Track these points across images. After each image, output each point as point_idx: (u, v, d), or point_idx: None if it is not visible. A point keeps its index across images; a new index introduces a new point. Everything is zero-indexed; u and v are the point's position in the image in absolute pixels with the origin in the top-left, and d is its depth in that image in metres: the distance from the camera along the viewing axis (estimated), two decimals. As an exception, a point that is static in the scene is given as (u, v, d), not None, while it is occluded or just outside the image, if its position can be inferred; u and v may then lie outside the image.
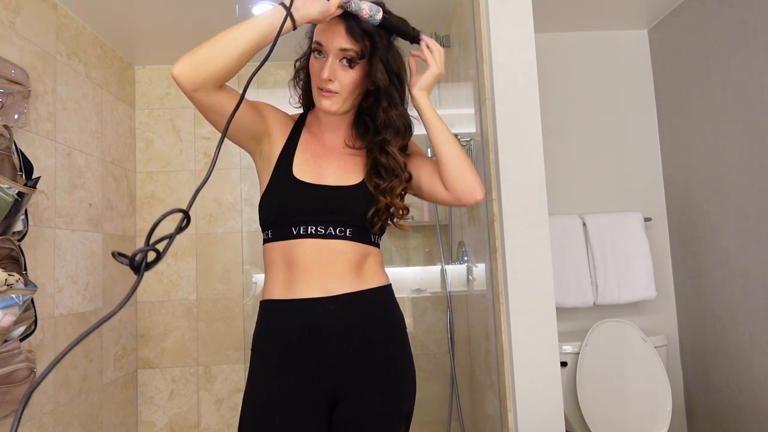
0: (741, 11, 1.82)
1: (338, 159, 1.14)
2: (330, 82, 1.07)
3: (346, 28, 1.05)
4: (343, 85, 1.08)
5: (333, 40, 1.06)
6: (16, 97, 1.61)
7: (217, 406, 2.49)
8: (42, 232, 1.77)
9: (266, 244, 1.12)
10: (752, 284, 1.82)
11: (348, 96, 1.09)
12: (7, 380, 1.48)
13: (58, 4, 1.93)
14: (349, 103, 1.10)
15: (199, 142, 2.58)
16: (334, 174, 1.12)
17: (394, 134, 1.12)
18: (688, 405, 2.25)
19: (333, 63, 1.06)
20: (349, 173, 1.13)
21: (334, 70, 1.07)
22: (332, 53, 1.06)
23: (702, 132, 2.06)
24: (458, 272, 2.15)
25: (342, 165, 1.13)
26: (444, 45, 2.16)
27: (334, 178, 1.11)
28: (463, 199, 1.12)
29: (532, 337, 1.38)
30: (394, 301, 1.16)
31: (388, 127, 1.11)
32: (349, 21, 1.06)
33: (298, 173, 1.09)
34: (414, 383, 1.15)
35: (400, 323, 1.15)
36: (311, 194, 1.08)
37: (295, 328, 1.05)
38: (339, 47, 1.06)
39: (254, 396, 1.06)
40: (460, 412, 2.15)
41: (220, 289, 2.53)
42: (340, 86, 1.07)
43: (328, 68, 1.06)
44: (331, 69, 1.06)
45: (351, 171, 1.13)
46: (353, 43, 1.06)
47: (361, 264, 1.09)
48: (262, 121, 1.11)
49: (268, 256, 1.11)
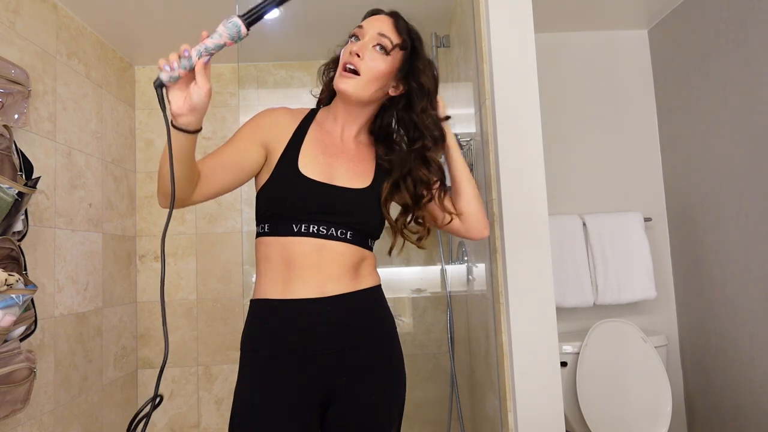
0: (741, 11, 1.82)
1: (348, 159, 1.12)
2: (357, 57, 1.05)
3: (393, 22, 1.08)
4: (369, 68, 1.05)
5: (374, 25, 1.07)
6: (16, 97, 1.61)
7: (217, 406, 2.49)
8: (42, 232, 1.77)
9: (261, 238, 1.08)
10: (752, 284, 1.82)
11: (369, 83, 1.06)
12: (7, 380, 1.48)
13: (58, 4, 1.93)
14: (367, 91, 1.07)
15: (199, 142, 2.56)
16: (343, 175, 1.09)
17: (434, 141, 1.12)
18: (688, 405, 2.25)
19: (367, 44, 1.06)
20: (358, 176, 1.10)
21: (364, 48, 1.05)
22: (369, 35, 1.06)
23: (702, 132, 2.06)
24: (458, 272, 2.15)
25: (352, 166, 1.11)
26: (444, 45, 2.16)
27: (344, 179, 1.09)
28: (473, 233, 1.20)
29: (532, 337, 1.38)
30: (385, 300, 1.16)
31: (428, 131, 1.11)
32: (397, 17, 1.08)
33: (304, 169, 1.06)
34: (405, 381, 1.15)
35: (392, 322, 1.15)
36: (319, 192, 1.05)
37: (290, 329, 1.04)
38: (378, 32, 1.06)
39: (246, 397, 1.03)
40: (460, 412, 2.15)
41: (220, 289, 2.53)
42: (365, 68, 1.05)
43: (360, 45, 1.05)
44: (362, 47, 1.05)
45: (361, 174, 1.11)
46: (395, 34, 1.06)
47: (358, 266, 1.09)
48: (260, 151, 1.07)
49: (264, 251, 1.08)
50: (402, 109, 1.13)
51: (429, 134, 1.11)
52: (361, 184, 1.10)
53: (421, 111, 1.10)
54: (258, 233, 1.10)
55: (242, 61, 2.53)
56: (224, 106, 2.59)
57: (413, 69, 1.09)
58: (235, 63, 2.58)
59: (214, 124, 2.58)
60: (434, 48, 2.19)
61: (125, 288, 2.38)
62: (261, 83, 2.58)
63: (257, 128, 1.09)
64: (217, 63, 2.58)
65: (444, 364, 2.43)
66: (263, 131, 1.09)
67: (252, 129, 1.09)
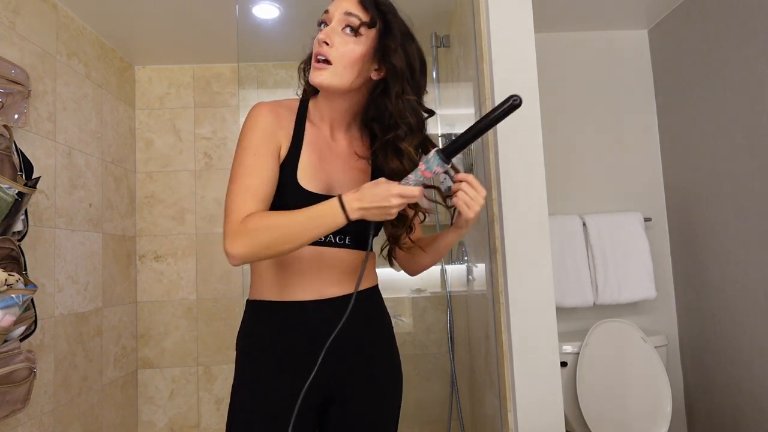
0: (741, 11, 1.82)
1: (343, 162, 1.07)
2: (326, 45, 0.97)
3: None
4: (340, 53, 0.97)
5: (340, 6, 0.99)
6: (16, 97, 1.61)
7: (217, 406, 2.49)
8: (42, 232, 1.77)
9: None
10: (752, 284, 1.82)
11: (343, 70, 0.98)
12: (7, 380, 1.48)
13: (58, 4, 1.93)
14: (344, 79, 0.99)
15: (199, 142, 2.58)
16: (340, 181, 1.05)
17: (408, 130, 1.01)
18: (688, 405, 2.25)
19: (335, 27, 0.98)
20: (354, 180, 1.06)
21: (332, 33, 0.98)
22: (336, 18, 0.98)
23: (702, 132, 2.06)
24: (458, 272, 2.15)
25: (347, 170, 1.07)
26: (444, 45, 2.16)
27: (341, 186, 1.04)
28: (408, 270, 1.20)
29: (532, 337, 1.38)
30: (383, 300, 1.16)
31: (402, 119, 1.01)
32: None
33: (303, 180, 1.00)
34: (402, 380, 1.15)
35: (390, 322, 1.15)
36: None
37: (288, 330, 1.02)
38: (344, 11, 0.98)
39: (243, 398, 1.02)
40: (460, 412, 2.15)
41: (220, 289, 2.53)
42: (336, 54, 0.97)
43: (327, 30, 0.98)
44: (329, 32, 0.98)
45: (357, 177, 1.07)
46: (362, 10, 0.98)
47: (357, 268, 1.07)
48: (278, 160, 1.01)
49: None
50: (380, 94, 1.04)
51: (403, 122, 1.01)
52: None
53: (395, 96, 1.00)
54: None
55: (242, 61, 2.53)
56: (224, 106, 2.59)
57: (385, 49, 0.99)
58: (235, 63, 2.59)
59: (213, 124, 2.59)
60: (434, 48, 2.19)
61: (125, 288, 2.38)
62: (261, 83, 2.58)
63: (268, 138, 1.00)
64: (218, 63, 2.59)
65: (444, 364, 2.43)
66: (275, 140, 1.01)
67: (264, 140, 0.99)
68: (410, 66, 1.02)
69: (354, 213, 0.90)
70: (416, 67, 1.03)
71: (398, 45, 0.99)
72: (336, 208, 0.90)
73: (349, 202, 0.90)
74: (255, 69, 2.59)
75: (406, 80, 1.01)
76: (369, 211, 0.90)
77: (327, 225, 0.91)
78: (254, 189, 0.95)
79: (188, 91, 2.59)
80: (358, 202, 0.89)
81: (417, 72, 1.03)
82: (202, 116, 2.59)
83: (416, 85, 1.04)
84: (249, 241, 0.90)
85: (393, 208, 0.90)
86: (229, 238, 0.91)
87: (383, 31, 0.99)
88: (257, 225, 0.91)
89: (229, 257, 0.91)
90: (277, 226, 0.91)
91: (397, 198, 0.89)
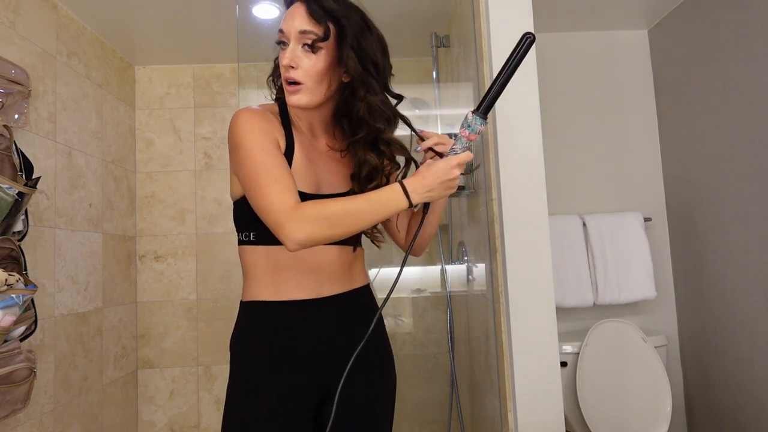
0: (741, 11, 1.82)
1: (327, 163, 1.09)
2: (292, 69, 0.99)
3: (307, 9, 0.98)
4: (307, 73, 0.99)
5: (293, 23, 0.98)
6: (16, 97, 1.61)
7: (217, 406, 2.49)
8: (42, 232, 1.77)
9: (246, 247, 1.05)
10: (752, 284, 1.82)
11: (315, 86, 1.00)
12: (7, 380, 1.49)
13: (58, 4, 1.93)
14: (318, 94, 1.01)
15: (199, 142, 2.58)
16: (328, 179, 1.07)
17: (387, 122, 1.04)
18: (688, 405, 2.25)
19: (295, 48, 0.99)
20: (339, 180, 1.09)
21: (295, 56, 0.98)
22: (293, 38, 0.98)
23: (702, 132, 2.06)
24: (458, 272, 2.15)
25: (332, 170, 1.09)
26: (444, 45, 2.16)
27: (329, 185, 1.07)
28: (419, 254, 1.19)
29: (532, 337, 1.38)
30: (375, 299, 1.17)
31: (376, 114, 1.03)
32: (309, 1, 0.98)
33: (297, 182, 1.00)
34: (396, 378, 1.16)
35: (382, 321, 1.15)
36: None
37: (285, 329, 1.03)
38: (298, 30, 0.98)
39: (239, 399, 1.02)
40: (460, 412, 2.15)
41: (220, 289, 2.53)
42: (304, 74, 0.99)
43: (288, 53, 0.98)
44: (291, 54, 0.98)
45: (341, 177, 1.09)
46: (314, 24, 0.97)
47: (351, 266, 1.09)
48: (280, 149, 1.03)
49: (249, 258, 1.05)
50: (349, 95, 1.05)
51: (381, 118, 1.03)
52: (344, 187, 1.08)
53: (361, 98, 1.02)
54: (241, 241, 1.06)
55: (242, 61, 2.52)
56: (224, 106, 2.59)
57: (342, 57, 1.00)
58: (235, 63, 2.59)
59: (213, 124, 2.59)
60: (434, 48, 2.19)
61: (125, 288, 2.38)
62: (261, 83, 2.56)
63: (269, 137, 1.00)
64: (218, 63, 2.59)
65: (444, 364, 2.43)
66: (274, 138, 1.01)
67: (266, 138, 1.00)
68: (372, 62, 1.02)
69: (419, 196, 0.93)
70: (378, 59, 1.03)
71: (356, 48, 1.00)
72: (399, 194, 0.93)
73: (413, 188, 0.93)
74: (255, 69, 2.58)
75: (371, 78, 1.02)
76: (435, 190, 0.94)
77: (389, 210, 0.94)
78: (284, 180, 0.94)
79: (188, 91, 2.59)
80: (423, 186, 0.93)
81: (380, 64, 1.04)
82: (202, 116, 2.59)
83: (382, 77, 1.05)
84: (315, 225, 0.91)
85: (456, 180, 0.95)
86: (288, 225, 0.90)
87: (339, 38, 1.00)
88: (318, 210, 0.92)
89: (290, 242, 0.91)
90: (338, 210, 0.93)
91: (457, 168, 0.94)
